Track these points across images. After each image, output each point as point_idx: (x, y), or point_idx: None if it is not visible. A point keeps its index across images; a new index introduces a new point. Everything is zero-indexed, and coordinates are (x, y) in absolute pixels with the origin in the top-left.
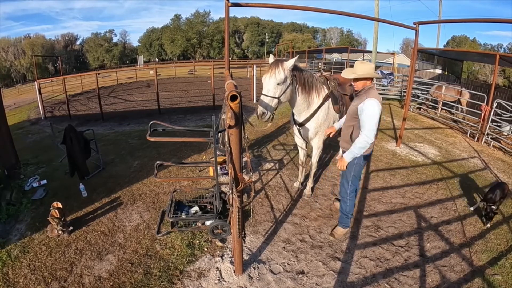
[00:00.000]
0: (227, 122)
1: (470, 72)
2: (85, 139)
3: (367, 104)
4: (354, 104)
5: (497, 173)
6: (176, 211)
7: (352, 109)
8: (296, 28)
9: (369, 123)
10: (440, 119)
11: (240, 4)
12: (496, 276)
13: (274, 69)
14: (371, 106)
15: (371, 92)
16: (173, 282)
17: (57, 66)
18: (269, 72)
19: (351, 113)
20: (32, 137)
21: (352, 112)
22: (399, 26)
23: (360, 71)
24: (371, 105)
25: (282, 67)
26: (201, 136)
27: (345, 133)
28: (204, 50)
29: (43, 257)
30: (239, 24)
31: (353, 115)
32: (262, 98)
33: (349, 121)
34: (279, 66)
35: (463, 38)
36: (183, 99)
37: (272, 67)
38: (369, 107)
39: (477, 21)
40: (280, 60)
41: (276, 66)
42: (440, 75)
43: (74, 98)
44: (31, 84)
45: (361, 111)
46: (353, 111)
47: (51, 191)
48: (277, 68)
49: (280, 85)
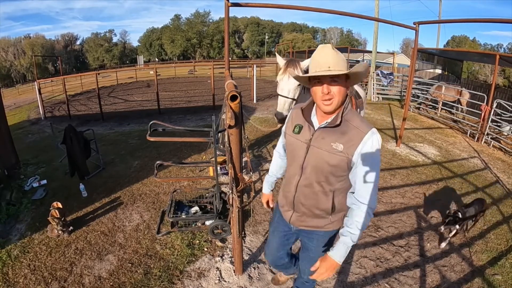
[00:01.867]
0: (227, 122)
1: (470, 72)
2: (85, 139)
3: (373, 145)
4: (331, 144)
5: (497, 173)
6: (176, 211)
7: (329, 156)
8: (296, 28)
9: (375, 180)
10: (440, 119)
11: (240, 4)
12: (496, 276)
13: (293, 69)
14: (377, 150)
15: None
16: (173, 282)
17: (57, 66)
18: (288, 73)
19: (327, 162)
20: (32, 137)
21: (330, 160)
22: (399, 26)
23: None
24: (377, 146)
25: (299, 67)
26: (201, 136)
27: (312, 201)
28: (204, 50)
29: (43, 257)
30: (239, 24)
31: (332, 166)
32: (283, 100)
33: (322, 178)
34: (297, 67)
35: (463, 38)
36: (183, 99)
37: (291, 67)
38: (375, 152)
39: (477, 21)
40: (295, 60)
41: (294, 67)
42: (440, 75)
43: (74, 98)
44: (31, 84)
45: (359, 158)
46: (332, 158)
47: (51, 191)
48: (296, 69)
49: (299, 86)
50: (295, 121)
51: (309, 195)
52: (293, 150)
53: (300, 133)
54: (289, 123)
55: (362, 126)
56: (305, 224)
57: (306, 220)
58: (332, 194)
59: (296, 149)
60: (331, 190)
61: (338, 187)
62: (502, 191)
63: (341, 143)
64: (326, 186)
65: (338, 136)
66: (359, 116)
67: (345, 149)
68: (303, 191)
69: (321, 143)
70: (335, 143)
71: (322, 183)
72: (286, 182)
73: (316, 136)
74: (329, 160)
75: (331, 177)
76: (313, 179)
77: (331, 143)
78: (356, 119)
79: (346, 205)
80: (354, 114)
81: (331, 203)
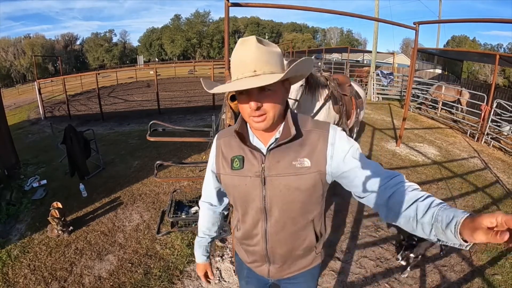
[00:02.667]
0: (227, 122)
1: (470, 72)
2: (85, 139)
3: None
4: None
5: (497, 173)
6: (176, 211)
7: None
8: (296, 28)
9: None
10: (440, 119)
11: (240, 4)
12: (496, 276)
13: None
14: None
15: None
16: (173, 282)
17: (57, 66)
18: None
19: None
20: (32, 137)
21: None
22: (399, 26)
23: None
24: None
25: None
26: (201, 136)
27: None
28: (204, 50)
29: (43, 257)
30: (239, 24)
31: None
32: None
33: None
34: None
35: (463, 38)
36: (183, 99)
37: None
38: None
39: (477, 21)
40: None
41: None
42: (440, 75)
43: (74, 98)
44: (31, 84)
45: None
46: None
47: (51, 191)
48: None
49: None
50: (229, 154)
51: (285, 240)
52: (242, 192)
53: (244, 166)
54: (219, 159)
55: (319, 126)
56: (288, 272)
57: (290, 267)
58: (312, 224)
59: (246, 190)
60: (310, 221)
61: (316, 212)
62: (502, 191)
63: (305, 157)
64: (303, 220)
65: (297, 150)
66: (305, 116)
67: (314, 163)
68: (276, 239)
69: (279, 168)
70: (297, 159)
71: (298, 218)
72: (245, 236)
73: (269, 161)
74: (299, 185)
75: (307, 206)
76: (284, 219)
77: (292, 162)
78: (307, 121)
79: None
80: (302, 117)
81: (314, 235)
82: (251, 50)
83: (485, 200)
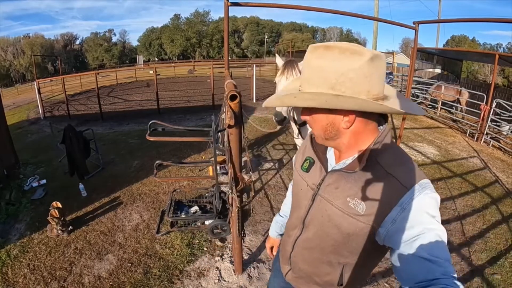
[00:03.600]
0: (226, 122)
1: (470, 72)
2: (85, 139)
3: (421, 208)
4: (348, 199)
5: (496, 172)
6: (175, 211)
7: (341, 218)
8: (295, 28)
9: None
10: (440, 118)
11: (240, 4)
12: (495, 275)
13: (291, 71)
14: (430, 217)
15: (397, 158)
16: (173, 282)
17: (56, 65)
18: (286, 74)
19: (336, 226)
20: (32, 137)
21: (341, 224)
22: (399, 26)
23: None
24: (428, 211)
25: (298, 68)
26: (201, 135)
27: (312, 269)
28: (203, 50)
29: (43, 256)
30: (238, 24)
31: (344, 234)
32: None
33: (328, 246)
34: (295, 68)
35: (462, 38)
36: (183, 99)
37: (288, 69)
38: (426, 220)
39: (476, 20)
40: (294, 61)
41: (292, 68)
42: (440, 75)
43: (73, 97)
44: (31, 83)
45: (395, 232)
46: (345, 223)
47: (51, 190)
48: (294, 70)
49: None
50: (307, 152)
51: (309, 260)
52: (297, 193)
53: (309, 171)
54: (299, 154)
55: (403, 176)
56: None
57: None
58: (341, 267)
59: (299, 195)
60: (340, 264)
61: (351, 262)
62: (501, 190)
63: (364, 201)
64: (333, 258)
65: (360, 188)
66: (403, 156)
67: (369, 213)
68: (302, 253)
69: (333, 195)
70: (354, 198)
71: (328, 253)
72: (286, 231)
73: (328, 181)
74: (340, 224)
75: (342, 248)
76: (315, 243)
77: (347, 198)
78: (396, 162)
79: (362, 278)
80: (396, 154)
81: (339, 277)
82: (308, 61)
83: (484, 199)
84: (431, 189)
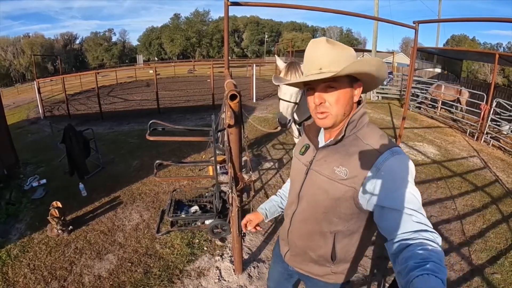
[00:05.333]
0: (226, 121)
1: (470, 71)
2: (85, 139)
3: (393, 170)
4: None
5: (496, 172)
6: (175, 211)
7: (329, 184)
8: (295, 27)
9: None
10: (440, 118)
11: (240, 3)
12: (495, 275)
13: (294, 73)
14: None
15: (374, 132)
16: (173, 281)
17: (56, 65)
18: (290, 76)
19: (326, 192)
20: (32, 137)
21: (329, 190)
22: (399, 25)
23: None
24: (401, 171)
25: (300, 70)
26: (201, 135)
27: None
28: (203, 49)
29: (43, 256)
30: (238, 23)
31: (332, 199)
32: (285, 105)
33: (319, 213)
34: (298, 70)
35: (462, 37)
36: (183, 99)
37: (292, 70)
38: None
39: (476, 20)
40: (296, 62)
41: (295, 70)
42: (440, 74)
43: (73, 97)
44: (30, 83)
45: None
46: (332, 188)
47: (51, 190)
48: (297, 72)
49: (300, 90)
50: (305, 141)
51: (303, 233)
52: (294, 174)
53: (305, 154)
54: (299, 143)
55: (377, 144)
56: (299, 267)
57: (301, 263)
58: (332, 237)
59: (296, 173)
60: (331, 232)
61: (342, 229)
62: (501, 190)
63: (346, 168)
64: (325, 226)
65: (344, 158)
66: (379, 132)
67: (351, 176)
68: (297, 227)
69: (322, 167)
70: (339, 167)
71: (320, 221)
72: (285, 211)
73: (318, 157)
74: (328, 190)
75: (332, 214)
76: (309, 213)
77: (333, 167)
78: (373, 135)
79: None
80: (373, 130)
81: (331, 250)
82: (320, 50)
83: (484, 199)
84: (403, 155)
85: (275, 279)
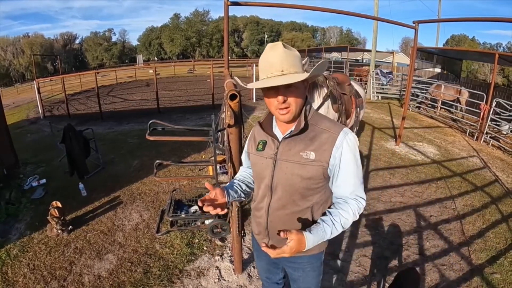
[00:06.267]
0: (226, 121)
1: (469, 71)
2: (85, 138)
3: (349, 147)
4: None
5: (496, 172)
6: (175, 210)
7: (301, 169)
8: (295, 27)
9: (359, 178)
10: (440, 118)
11: (240, 3)
12: (495, 275)
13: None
14: (354, 152)
15: (324, 119)
16: (173, 281)
17: (56, 65)
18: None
19: (299, 175)
20: (31, 137)
21: (302, 173)
22: (399, 25)
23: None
24: (354, 147)
25: None
26: (201, 135)
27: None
28: (203, 49)
29: (43, 256)
30: (238, 23)
31: (306, 179)
32: None
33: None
34: None
35: (462, 37)
36: (183, 98)
37: None
38: (353, 154)
39: (476, 20)
40: None
41: None
42: (440, 74)
43: (73, 97)
44: (30, 83)
45: (336, 165)
46: (304, 170)
47: (51, 190)
48: None
49: None
50: (258, 138)
51: (284, 218)
52: (259, 170)
53: (264, 149)
54: (251, 142)
55: (332, 128)
56: None
57: None
58: (310, 210)
59: (262, 168)
60: (308, 207)
61: (316, 201)
62: (501, 190)
63: (312, 151)
64: (302, 204)
65: (306, 144)
66: (326, 117)
67: (318, 157)
68: (276, 215)
69: (288, 155)
70: (305, 151)
71: (298, 201)
72: (256, 207)
73: (282, 148)
74: (301, 173)
75: (307, 191)
76: (286, 199)
77: (300, 153)
78: (324, 121)
79: None
80: (321, 117)
81: (311, 222)
82: (279, 54)
83: (484, 199)
84: (351, 133)
85: (264, 269)
